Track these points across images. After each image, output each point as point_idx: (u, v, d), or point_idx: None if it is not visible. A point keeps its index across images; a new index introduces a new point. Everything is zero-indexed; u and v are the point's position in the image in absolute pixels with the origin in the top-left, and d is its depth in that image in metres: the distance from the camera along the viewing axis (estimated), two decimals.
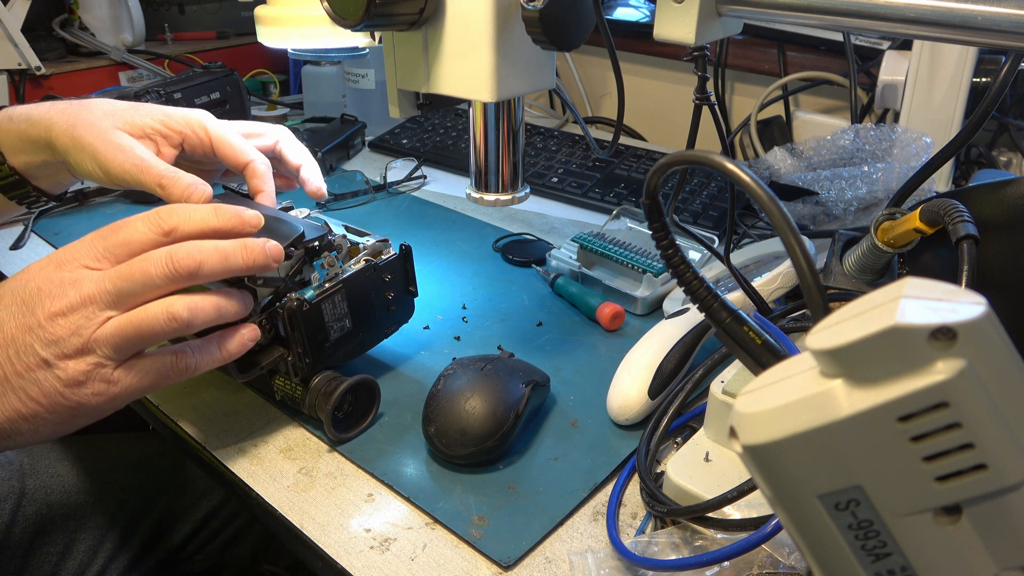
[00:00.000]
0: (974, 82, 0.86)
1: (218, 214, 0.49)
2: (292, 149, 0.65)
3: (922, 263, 0.55)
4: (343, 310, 0.56)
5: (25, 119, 0.58)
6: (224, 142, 0.60)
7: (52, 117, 0.57)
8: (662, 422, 0.54)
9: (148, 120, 0.59)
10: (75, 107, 0.58)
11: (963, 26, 0.37)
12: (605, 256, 0.75)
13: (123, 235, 0.46)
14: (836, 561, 0.25)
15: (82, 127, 0.56)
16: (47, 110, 0.58)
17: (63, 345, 0.44)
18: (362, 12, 0.47)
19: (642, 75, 1.27)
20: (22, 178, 0.60)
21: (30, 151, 0.58)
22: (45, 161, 0.59)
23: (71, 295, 0.44)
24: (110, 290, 0.44)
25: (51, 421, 0.45)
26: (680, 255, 0.40)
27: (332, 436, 0.54)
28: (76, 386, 0.44)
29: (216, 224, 0.48)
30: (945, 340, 0.21)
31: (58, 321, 0.44)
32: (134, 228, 0.47)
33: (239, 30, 1.35)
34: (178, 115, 0.60)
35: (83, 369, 0.44)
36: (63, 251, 0.46)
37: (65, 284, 0.45)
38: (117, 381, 0.45)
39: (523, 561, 0.46)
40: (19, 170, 0.59)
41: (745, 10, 0.45)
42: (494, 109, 0.55)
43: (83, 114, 0.57)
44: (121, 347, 0.45)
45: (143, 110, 0.59)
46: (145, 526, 0.78)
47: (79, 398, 0.45)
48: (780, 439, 0.24)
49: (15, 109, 0.59)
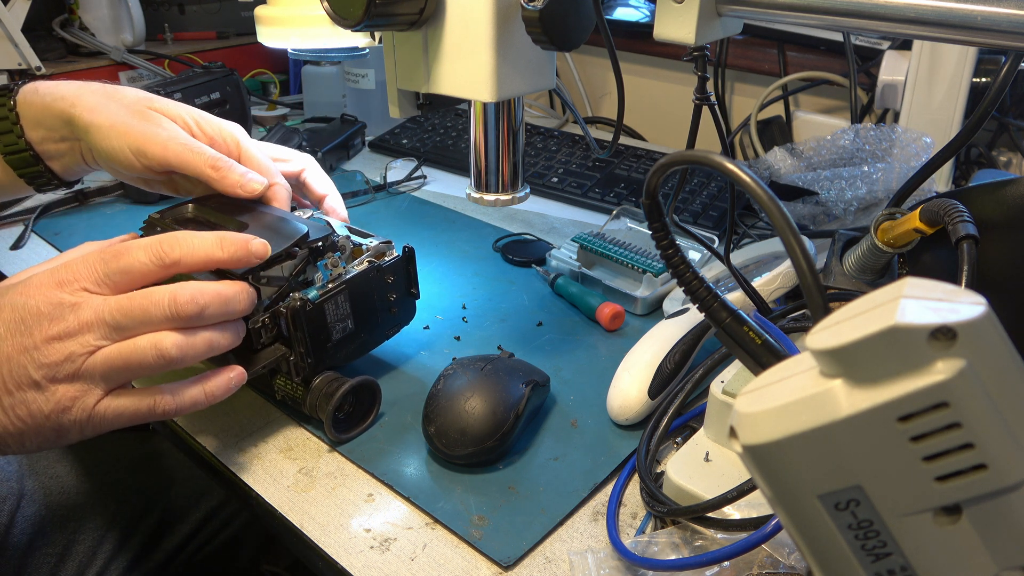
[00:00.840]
0: (974, 82, 0.86)
1: (223, 246, 0.48)
2: (317, 179, 0.65)
3: (922, 263, 0.55)
4: (346, 311, 0.56)
5: (51, 92, 0.57)
6: (253, 159, 0.60)
7: (81, 95, 0.56)
8: (662, 422, 0.54)
9: (183, 111, 0.58)
10: (107, 88, 0.57)
11: (963, 26, 0.37)
12: (605, 256, 0.75)
13: (124, 262, 0.46)
14: (836, 561, 0.25)
15: (113, 107, 0.55)
16: (78, 87, 0.57)
17: (56, 369, 0.44)
18: (362, 12, 0.47)
19: (642, 75, 1.27)
20: (37, 155, 0.59)
21: (49, 125, 0.57)
22: (62, 137, 0.58)
23: (69, 320, 0.44)
24: (108, 321, 0.44)
25: (36, 439, 0.45)
26: (680, 255, 0.40)
27: (332, 437, 0.54)
28: (61, 411, 0.44)
29: (221, 257, 0.48)
30: (945, 340, 0.21)
31: (54, 345, 0.44)
32: (136, 257, 0.46)
33: (239, 30, 1.35)
34: (213, 120, 0.59)
35: (71, 395, 0.44)
36: (66, 269, 0.46)
37: (64, 307, 0.44)
38: (98, 413, 0.45)
39: (523, 561, 0.46)
40: (34, 144, 0.58)
41: (745, 10, 0.45)
42: (494, 109, 0.55)
43: (116, 95, 0.56)
44: (110, 378, 0.45)
45: (178, 103, 0.59)
46: (145, 526, 0.78)
47: (62, 422, 0.45)
48: (780, 439, 0.24)
49: (44, 83, 0.58)
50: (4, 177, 0.60)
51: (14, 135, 0.58)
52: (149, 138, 0.54)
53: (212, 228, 0.55)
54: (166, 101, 0.58)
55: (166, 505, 0.80)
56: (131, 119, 0.54)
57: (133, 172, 0.57)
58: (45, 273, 0.46)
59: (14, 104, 0.58)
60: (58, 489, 0.75)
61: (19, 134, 0.58)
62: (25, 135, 0.58)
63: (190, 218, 0.57)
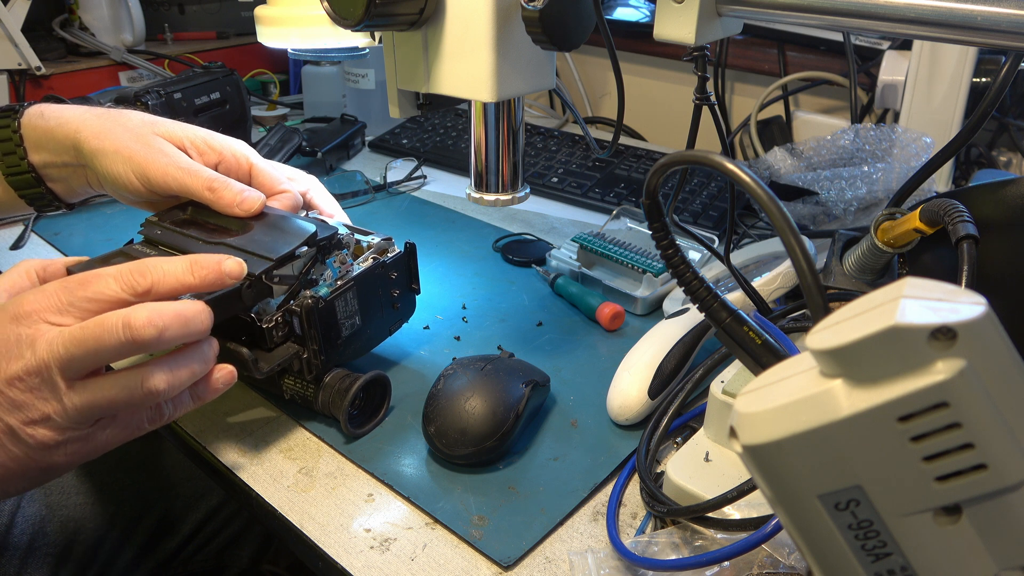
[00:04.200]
0: (974, 82, 0.86)
1: (194, 271, 0.46)
2: (322, 199, 0.65)
3: (922, 263, 0.55)
4: (354, 307, 0.56)
5: (56, 116, 0.57)
6: (263, 171, 0.60)
7: (86, 120, 0.56)
8: (662, 422, 0.54)
9: (189, 133, 0.58)
10: (112, 113, 0.57)
11: (963, 26, 0.37)
12: (605, 256, 0.75)
13: (92, 290, 0.43)
14: (836, 561, 0.25)
15: (118, 132, 0.55)
16: (82, 112, 0.57)
17: (27, 411, 0.41)
18: (362, 12, 0.47)
19: (642, 75, 1.27)
20: (38, 176, 0.59)
21: (53, 150, 0.57)
22: (65, 163, 0.58)
23: (27, 357, 0.41)
24: (62, 355, 0.41)
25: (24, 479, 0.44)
26: (680, 255, 0.40)
27: (348, 432, 0.54)
28: (45, 450, 0.42)
29: (192, 283, 0.46)
30: (945, 340, 0.21)
31: (16, 385, 0.41)
32: (105, 283, 0.43)
33: (239, 30, 1.35)
34: (219, 137, 0.59)
35: (51, 436, 0.42)
36: (25, 300, 0.43)
37: (22, 343, 0.41)
38: (89, 440, 0.44)
39: (523, 561, 0.46)
40: (36, 167, 0.58)
41: (745, 10, 0.45)
42: (494, 109, 0.55)
43: (120, 120, 0.56)
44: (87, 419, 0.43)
45: (183, 125, 0.59)
46: (145, 526, 0.78)
47: (50, 460, 0.43)
48: (780, 439, 0.24)
49: (50, 107, 0.58)
50: (4, 196, 0.60)
51: (16, 156, 0.57)
52: (151, 163, 0.54)
53: (214, 230, 0.55)
54: (170, 124, 0.58)
55: (166, 505, 0.80)
56: (135, 144, 0.54)
57: (139, 196, 0.57)
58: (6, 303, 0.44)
59: (18, 126, 0.57)
60: (58, 489, 0.75)
61: (22, 156, 0.57)
62: (28, 157, 0.58)
63: (188, 220, 0.56)
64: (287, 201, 0.59)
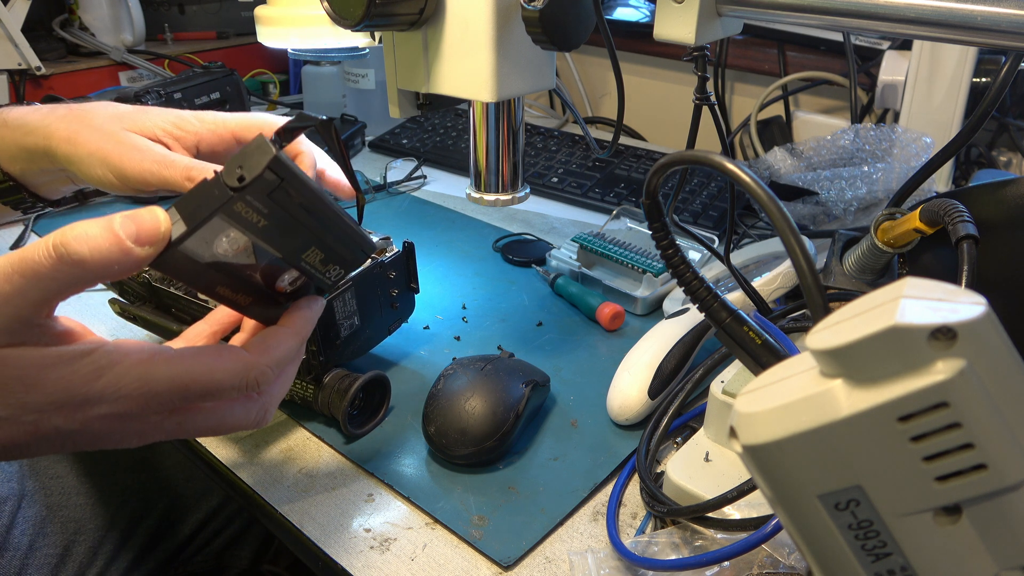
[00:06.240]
0: (974, 82, 0.86)
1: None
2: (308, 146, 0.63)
3: (922, 263, 0.55)
4: (352, 307, 0.56)
5: (21, 126, 0.55)
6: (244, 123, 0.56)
7: (51, 124, 0.54)
8: (662, 422, 0.54)
9: (158, 121, 0.56)
10: (76, 112, 0.55)
11: (963, 26, 0.37)
12: (605, 256, 0.75)
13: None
14: (836, 561, 0.25)
15: (87, 134, 0.54)
16: (45, 116, 0.54)
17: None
18: (362, 12, 0.47)
19: (642, 75, 1.27)
20: (17, 184, 0.57)
21: (27, 159, 0.55)
22: (43, 169, 0.56)
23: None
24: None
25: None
26: (680, 255, 0.40)
27: (348, 432, 0.54)
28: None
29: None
30: (945, 340, 0.21)
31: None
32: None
33: (239, 30, 1.35)
34: (190, 115, 0.57)
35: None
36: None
37: None
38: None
39: (523, 561, 0.46)
40: (16, 176, 0.57)
41: (745, 10, 0.45)
42: (494, 109, 0.55)
43: (86, 119, 0.54)
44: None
45: (152, 112, 0.56)
46: (145, 527, 0.78)
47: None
48: (780, 439, 0.24)
49: (11, 112, 0.56)
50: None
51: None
52: (126, 162, 0.51)
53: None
54: (139, 116, 0.55)
55: (166, 505, 0.80)
56: (108, 144, 0.52)
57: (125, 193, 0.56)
58: None
59: None
60: (59, 489, 0.75)
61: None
62: (3, 168, 0.55)
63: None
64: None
